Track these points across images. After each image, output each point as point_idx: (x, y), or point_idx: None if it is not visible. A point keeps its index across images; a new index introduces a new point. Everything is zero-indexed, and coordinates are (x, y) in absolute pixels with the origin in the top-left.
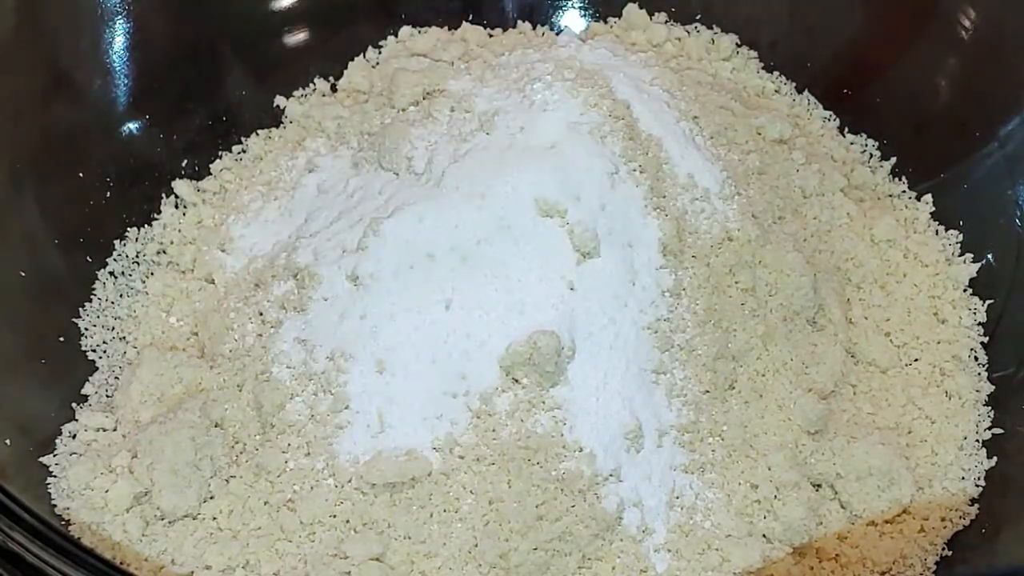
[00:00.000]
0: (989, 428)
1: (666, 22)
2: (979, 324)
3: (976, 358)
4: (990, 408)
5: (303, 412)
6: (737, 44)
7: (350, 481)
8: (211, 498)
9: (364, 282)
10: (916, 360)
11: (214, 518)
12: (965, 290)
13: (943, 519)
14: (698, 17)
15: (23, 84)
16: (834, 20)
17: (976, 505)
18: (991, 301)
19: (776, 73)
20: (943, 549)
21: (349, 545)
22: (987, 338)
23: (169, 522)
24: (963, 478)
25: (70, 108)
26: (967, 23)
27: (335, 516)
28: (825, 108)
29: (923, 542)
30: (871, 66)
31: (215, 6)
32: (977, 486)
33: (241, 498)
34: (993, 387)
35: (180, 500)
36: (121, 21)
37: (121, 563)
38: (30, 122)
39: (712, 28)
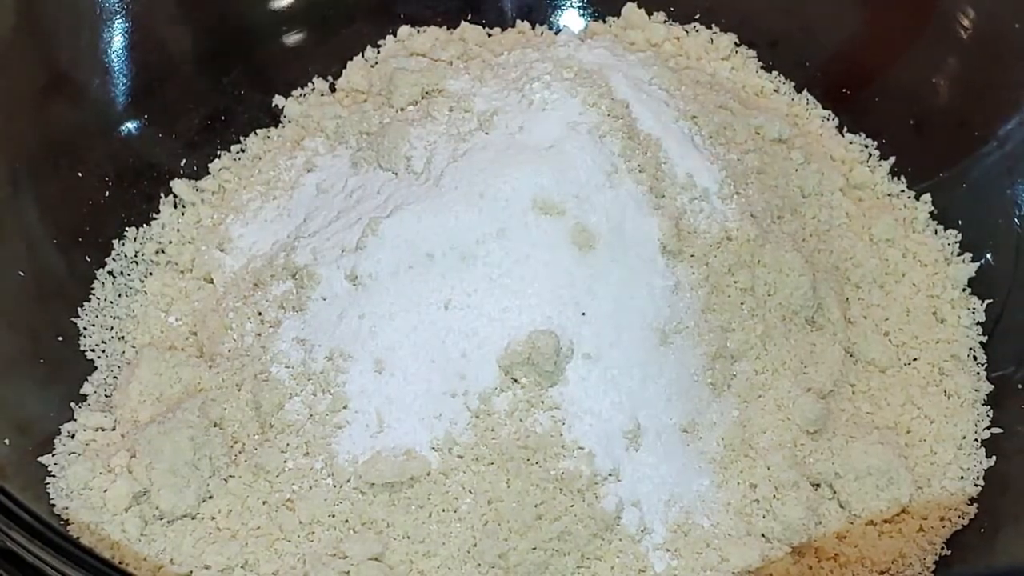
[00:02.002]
0: (988, 428)
1: (665, 21)
2: (978, 324)
3: (975, 357)
4: (989, 408)
5: (302, 412)
6: (736, 43)
7: (348, 481)
8: (210, 498)
9: (363, 282)
10: (915, 359)
11: (213, 518)
12: (964, 289)
13: (942, 518)
14: (697, 16)
15: (22, 83)
16: (833, 19)
17: (975, 504)
18: (990, 301)
19: (775, 72)
20: (942, 548)
21: (348, 545)
22: (986, 337)
23: (168, 522)
24: (962, 477)
25: (69, 108)
26: (967, 23)
27: (334, 516)
28: (824, 107)
29: (922, 541)
30: (870, 65)
31: (214, 6)
32: (976, 485)
33: (240, 498)
34: (992, 387)
35: (179, 500)
36: (120, 21)
37: (120, 563)
38: (29, 121)
39: (711, 27)
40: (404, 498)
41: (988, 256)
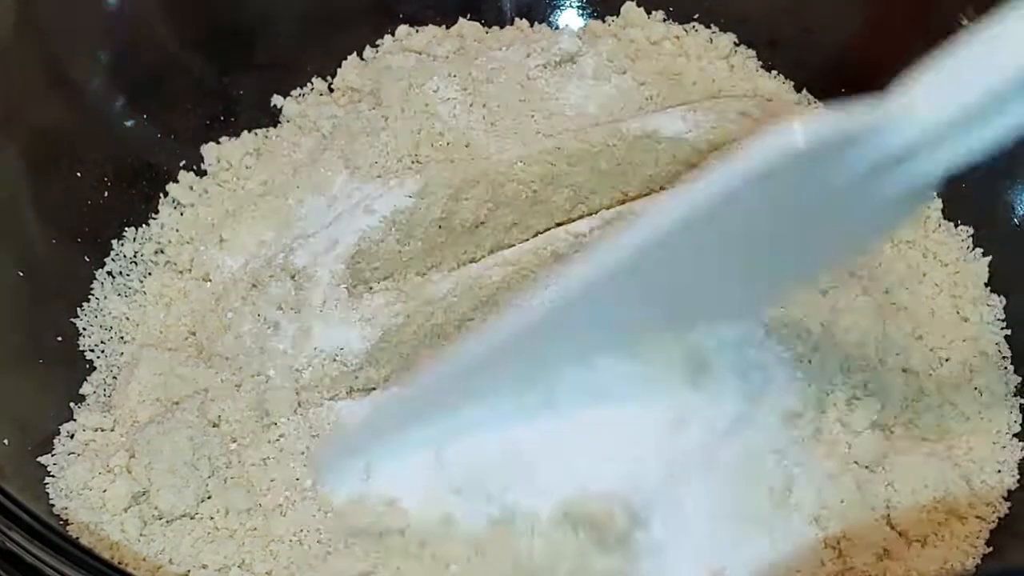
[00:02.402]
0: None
1: (664, 20)
2: (999, 319)
3: (1000, 352)
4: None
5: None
6: (735, 43)
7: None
8: (208, 498)
9: None
10: (947, 360)
11: (211, 518)
12: (986, 285)
13: (979, 516)
14: (696, 16)
15: (20, 83)
16: (833, 19)
17: (1009, 502)
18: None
19: (775, 72)
20: (984, 546)
21: (335, 559)
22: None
23: (167, 522)
24: (999, 471)
25: (67, 107)
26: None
27: (320, 531)
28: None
29: (964, 546)
30: (870, 66)
31: (213, 5)
32: (1013, 478)
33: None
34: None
35: (178, 500)
36: (119, 20)
37: (119, 563)
38: (27, 121)
39: (710, 27)
40: (391, 543)
41: (989, 257)
